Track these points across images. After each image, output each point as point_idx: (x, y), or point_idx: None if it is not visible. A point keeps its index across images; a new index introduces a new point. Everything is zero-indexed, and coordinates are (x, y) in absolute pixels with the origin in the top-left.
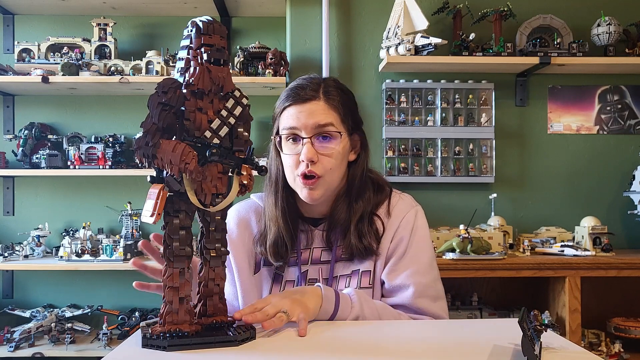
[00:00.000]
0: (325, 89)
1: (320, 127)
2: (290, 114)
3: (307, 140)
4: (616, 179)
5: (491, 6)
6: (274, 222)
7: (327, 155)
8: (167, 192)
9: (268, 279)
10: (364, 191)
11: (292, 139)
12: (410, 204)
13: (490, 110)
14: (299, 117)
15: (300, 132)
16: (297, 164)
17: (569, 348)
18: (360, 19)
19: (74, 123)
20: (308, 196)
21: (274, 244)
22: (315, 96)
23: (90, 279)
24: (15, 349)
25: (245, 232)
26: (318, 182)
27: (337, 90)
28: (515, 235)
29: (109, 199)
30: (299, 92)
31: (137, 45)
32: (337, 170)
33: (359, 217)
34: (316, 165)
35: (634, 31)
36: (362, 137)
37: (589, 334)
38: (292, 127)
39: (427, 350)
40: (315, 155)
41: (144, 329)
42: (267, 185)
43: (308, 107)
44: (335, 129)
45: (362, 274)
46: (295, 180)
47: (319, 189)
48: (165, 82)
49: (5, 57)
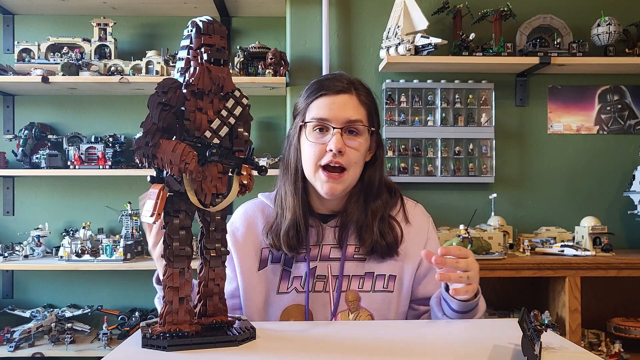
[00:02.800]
0: (356, 86)
1: (350, 122)
2: (322, 104)
3: (337, 130)
4: (616, 179)
5: (491, 6)
6: (291, 210)
7: (354, 149)
8: (167, 192)
9: (276, 275)
10: (382, 192)
11: (319, 128)
12: (426, 214)
13: (490, 110)
14: (332, 107)
15: (331, 123)
16: (321, 154)
17: (569, 348)
18: (360, 19)
19: (74, 123)
20: (329, 190)
21: (287, 234)
22: (347, 90)
23: (90, 279)
24: (15, 349)
25: (252, 230)
26: (342, 178)
27: (366, 89)
28: (515, 235)
29: (109, 199)
30: (331, 84)
31: (137, 45)
32: (359, 166)
33: (380, 217)
34: (343, 157)
35: (634, 31)
36: (379, 138)
37: (589, 334)
38: (322, 118)
39: (427, 350)
40: (343, 146)
41: (144, 329)
42: (283, 174)
43: (341, 100)
44: (363, 125)
45: (377, 278)
46: (316, 172)
47: (341, 185)
48: (165, 82)
49: (5, 57)
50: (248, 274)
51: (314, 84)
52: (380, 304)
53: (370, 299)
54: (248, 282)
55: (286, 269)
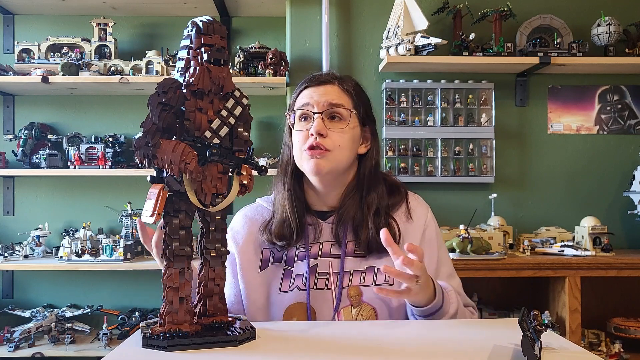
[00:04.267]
0: (341, 78)
1: (331, 106)
2: (305, 94)
3: (318, 115)
4: (616, 179)
5: (491, 6)
6: (281, 204)
7: (337, 132)
8: (167, 192)
9: (277, 274)
10: (376, 184)
11: (304, 118)
12: (424, 204)
13: (490, 110)
14: (312, 95)
15: (312, 109)
16: (305, 139)
17: (569, 348)
18: (360, 19)
19: (74, 123)
20: (314, 167)
21: (279, 225)
22: (330, 80)
23: (90, 279)
24: (15, 349)
25: (253, 233)
26: (326, 154)
27: (352, 81)
28: (515, 235)
29: (109, 199)
30: (315, 77)
31: (137, 45)
32: (346, 150)
33: (375, 211)
34: (325, 140)
35: (634, 31)
36: (374, 131)
37: (589, 334)
38: (304, 104)
39: (427, 350)
40: (324, 129)
41: (144, 329)
42: (279, 172)
43: (323, 88)
44: (345, 108)
45: (378, 272)
46: (302, 155)
47: (325, 161)
48: (165, 82)
49: (5, 57)
50: (250, 276)
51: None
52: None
53: (372, 294)
54: (250, 283)
55: (288, 268)
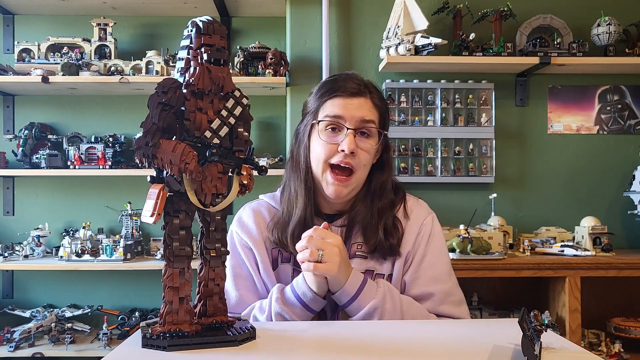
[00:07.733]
0: (370, 89)
1: (364, 122)
2: (337, 103)
3: (351, 131)
4: (616, 179)
5: (491, 6)
6: (301, 209)
7: (365, 151)
8: (167, 192)
9: (287, 275)
10: (388, 192)
11: (332, 128)
12: (427, 210)
13: (490, 110)
14: (347, 107)
15: (345, 123)
16: (332, 153)
17: (569, 348)
18: (360, 19)
19: (74, 123)
20: (335, 192)
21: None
22: (362, 93)
23: (90, 279)
24: (15, 349)
25: (263, 229)
26: (348, 181)
27: (379, 93)
28: (515, 235)
29: (109, 199)
30: (345, 85)
31: (137, 45)
32: (367, 169)
33: (385, 217)
34: (353, 158)
35: (634, 31)
36: (387, 141)
37: (589, 334)
38: (337, 116)
39: (427, 350)
40: (356, 148)
41: (144, 329)
42: (292, 172)
43: (357, 101)
44: (375, 127)
45: (376, 276)
46: (325, 172)
47: (347, 188)
48: (165, 82)
49: (5, 57)
50: (269, 271)
51: (327, 83)
52: None
53: None
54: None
55: (297, 268)
